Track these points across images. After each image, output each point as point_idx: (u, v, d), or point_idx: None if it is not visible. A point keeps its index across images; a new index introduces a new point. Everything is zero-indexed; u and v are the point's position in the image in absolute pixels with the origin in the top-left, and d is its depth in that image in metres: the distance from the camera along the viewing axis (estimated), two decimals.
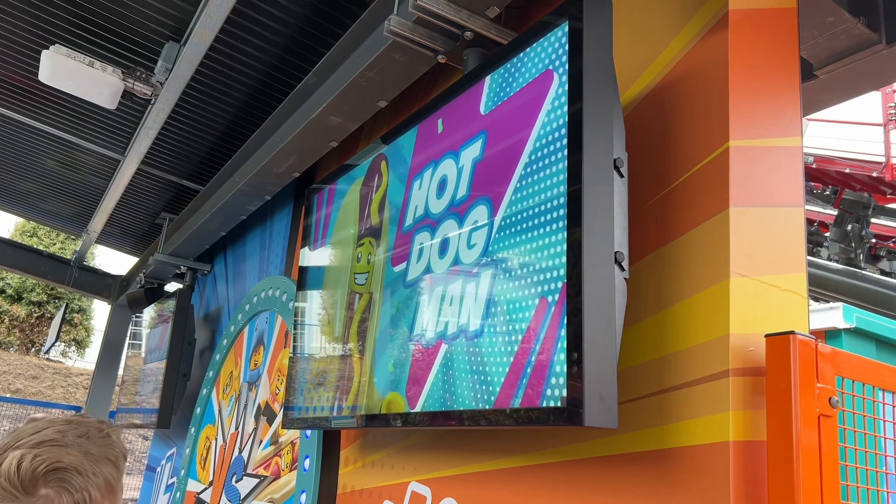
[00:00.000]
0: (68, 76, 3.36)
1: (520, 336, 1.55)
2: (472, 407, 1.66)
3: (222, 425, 4.06)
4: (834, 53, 1.92)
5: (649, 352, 1.51)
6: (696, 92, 1.56)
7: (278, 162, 3.35)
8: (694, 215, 1.48)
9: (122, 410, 5.77)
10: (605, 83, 1.51)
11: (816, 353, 1.32)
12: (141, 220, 6.16)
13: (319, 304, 2.68)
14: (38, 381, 16.63)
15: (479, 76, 1.94)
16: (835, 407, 1.31)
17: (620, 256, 1.43)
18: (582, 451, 1.61)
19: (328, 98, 2.73)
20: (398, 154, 2.30)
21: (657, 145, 1.62)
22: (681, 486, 1.37)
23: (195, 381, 4.67)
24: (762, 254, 1.44)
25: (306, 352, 2.70)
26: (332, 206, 2.72)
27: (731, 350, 1.35)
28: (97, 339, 16.66)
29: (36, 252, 7.31)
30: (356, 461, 2.65)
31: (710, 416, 1.35)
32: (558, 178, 1.51)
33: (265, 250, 4.24)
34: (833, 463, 1.28)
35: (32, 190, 5.93)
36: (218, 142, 4.37)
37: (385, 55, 2.35)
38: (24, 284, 17.64)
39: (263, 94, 3.71)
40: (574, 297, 1.39)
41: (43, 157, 5.17)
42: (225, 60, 3.43)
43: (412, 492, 2.22)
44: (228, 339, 4.28)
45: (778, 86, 1.59)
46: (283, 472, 3.13)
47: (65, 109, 4.32)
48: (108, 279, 7.44)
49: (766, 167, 1.50)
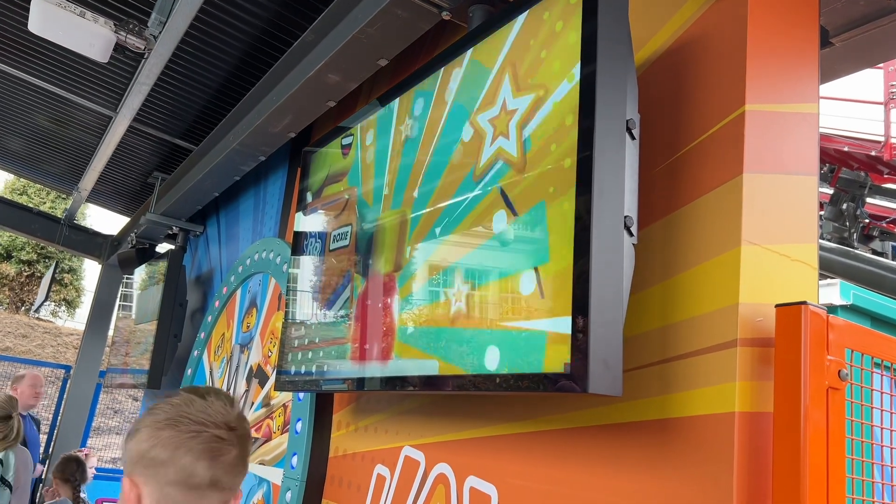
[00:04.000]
0: (58, 26, 3.26)
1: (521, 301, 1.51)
2: (472, 371, 1.63)
3: None
4: (852, 20, 1.86)
5: (655, 320, 1.47)
6: (712, 53, 1.50)
7: (273, 121, 3.27)
8: (706, 180, 1.44)
9: (112, 371, 5.75)
10: (619, 41, 1.45)
11: (827, 324, 1.28)
12: (133, 180, 6.06)
13: (314, 267, 2.64)
14: (27, 340, 16.59)
15: (484, 34, 1.88)
16: (844, 380, 1.28)
17: (629, 221, 1.39)
18: (583, 418, 1.59)
19: (327, 55, 2.65)
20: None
21: (670, 108, 1.56)
22: (684, 455, 1.35)
23: (186, 342, 4.64)
24: (774, 222, 1.40)
25: (300, 316, 2.66)
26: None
27: (739, 319, 1.32)
28: (87, 299, 16.60)
29: (26, 209, 7.20)
30: (349, 425, 2.63)
31: (717, 385, 1.32)
32: (569, 139, 1.46)
33: (259, 212, 4.18)
34: (840, 436, 1.26)
35: (22, 146, 5.82)
36: (212, 100, 4.28)
37: (387, 10, 2.27)
38: (13, 243, 17.49)
39: (260, 50, 3.62)
40: (581, 261, 1.35)
41: (33, 112, 5.06)
42: (221, 15, 3.33)
43: (405, 456, 2.20)
44: (221, 300, 4.23)
45: (796, 50, 1.54)
46: (274, 435, 3.11)
47: (56, 63, 4.21)
48: (99, 238, 7.35)
49: (782, 133, 1.45)
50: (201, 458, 1.10)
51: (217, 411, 1.14)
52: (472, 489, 1.87)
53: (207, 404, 1.15)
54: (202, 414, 1.13)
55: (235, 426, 1.15)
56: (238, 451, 1.15)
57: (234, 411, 1.17)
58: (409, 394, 2.23)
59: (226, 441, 1.13)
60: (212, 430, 1.12)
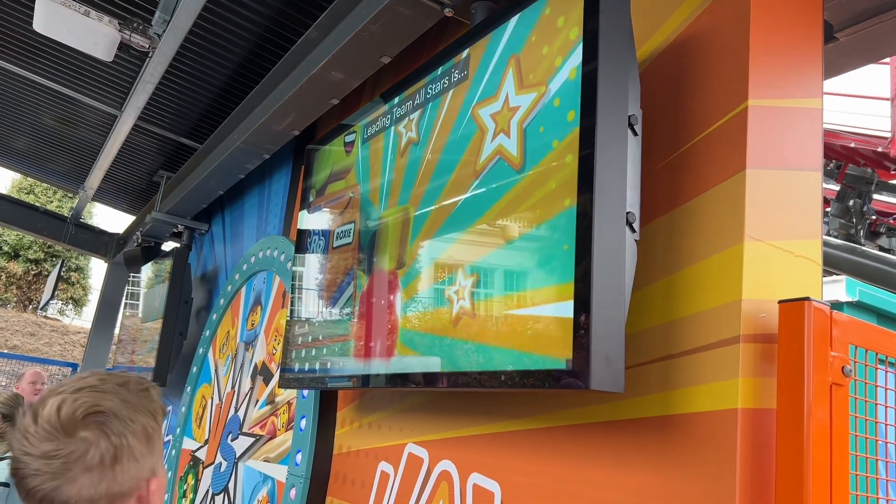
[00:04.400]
0: (63, 25, 3.27)
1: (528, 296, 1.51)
2: (476, 368, 1.63)
3: (218, 384, 4.05)
4: (856, 15, 1.85)
5: (658, 316, 1.47)
6: (714, 49, 1.49)
7: (277, 119, 3.27)
8: (709, 176, 1.43)
9: (118, 368, 5.77)
10: (621, 36, 1.44)
11: (831, 320, 1.28)
12: (138, 178, 6.08)
13: (318, 265, 2.64)
14: (35, 338, 16.67)
15: (487, 31, 1.87)
16: (847, 376, 1.27)
17: (632, 217, 1.39)
18: (585, 415, 1.59)
19: (330, 53, 2.65)
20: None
21: (673, 104, 1.56)
22: (686, 451, 1.34)
23: (191, 340, 4.65)
24: (777, 218, 1.40)
25: (304, 313, 2.67)
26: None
27: (742, 316, 1.31)
28: (94, 297, 16.65)
29: (32, 208, 7.24)
30: (353, 422, 2.64)
31: (720, 382, 1.31)
32: (570, 135, 1.46)
33: (263, 210, 4.19)
34: (843, 432, 1.25)
35: (28, 145, 5.84)
36: (216, 98, 4.29)
37: (389, 8, 2.27)
38: (21, 242, 17.57)
39: (263, 48, 3.62)
40: (583, 258, 1.35)
41: (39, 112, 5.07)
42: (224, 13, 3.33)
43: (409, 453, 2.20)
44: (225, 298, 4.24)
45: (799, 45, 1.53)
46: (278, 432, 3.12)
47: (61, 62, 4.22)
48: (105, 237, 7.38)
49: (785, 128, 1.44)
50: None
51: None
52: (476, 486, 1.87)
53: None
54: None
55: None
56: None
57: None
58: (413, 391, 2.23)
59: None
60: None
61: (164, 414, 1.23)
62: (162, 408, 1.22)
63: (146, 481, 1.13)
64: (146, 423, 1.14)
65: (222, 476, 3.56)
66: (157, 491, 1.16)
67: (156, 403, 1.19)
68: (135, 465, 1.11)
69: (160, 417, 1.20)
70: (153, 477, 1.15)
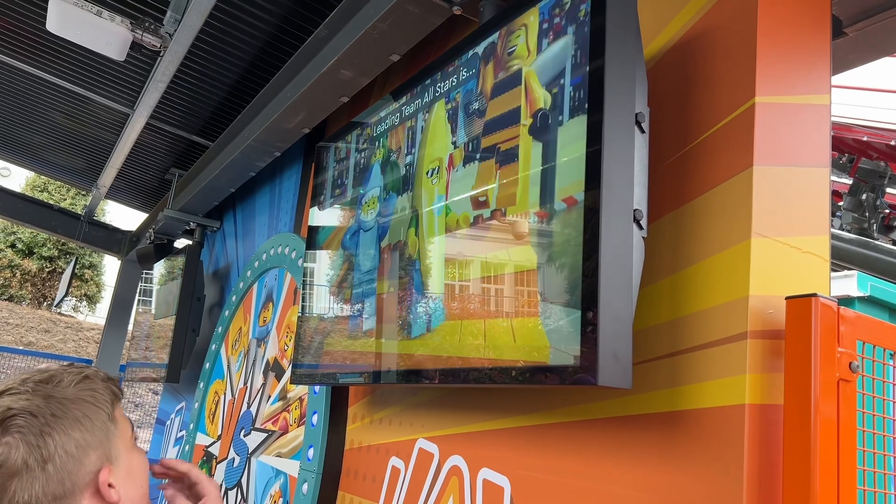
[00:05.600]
0: (76, 25, 3.30)
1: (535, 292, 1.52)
2: (487, 365, 1.64)
3: (231, 380, 4.08)
4: (866, 9, 1.84)
5: (665, 313, 1.48)
6: (722, 45, 1.50)
7: (288, 117, 3.29)
8: (716, 173, 1.44)
9: (132, 365, 5.83)
10: (628, 34, 1.45)
11: (838, 316, 1.28)
12: (150, 176, 6.13)
13: (329, 261, 2.66)
14: (50, 335, 16.83)
15: (495, 28, 1.88)
16: (855, 372, 1.28)
17: (639, 214, 1.40)
18: (593, 411, 1.60)
19: (339, 51, 2.66)
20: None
21: (680, 101, 1.56)
22: (694, 447, 1.35)
23: (204, 336, 4.69)
24: (785, 214, 1.40)
25: (315, 310, 2.69)
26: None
27: (749, 312, 1.32)
28: (108, 294, 16.80)
29: (46, 206, 7.30)
30: (364, 418, 2.66)
31: (727, 378, 1.32)
32: (577, 132, 1.47)
33: (274, 207, 4.22)
34: (851, 428, 1.26)
35: (42, 143, 5.89)
36: (227, 96, 4.32)
37: (398, 6, 2.28)
38: (35, 239, 17.73)
39: (274, 47, 3.65)
40: (591, 255, 1.36)
41: (52, 110, 5.12)
42: (235, 12, 3.35)
43: (420, 449, 2.22)
44: (237, 295, 4.28)
45: (807, 40, 1.53)
46: (290, 428, 3.15)
47: (74, 61, 4.26)
48: (118, 234, 7.44)
49: (793, 125, 1.45)
50: None
51: None
52: (486, 481, 1.89)
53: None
54: None
55: None
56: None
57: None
58: (423, 386, 2.25)
59: None
60: None
61: (115, 395, 1.17)
62: (111, 390, 1.17)
63: (96, 473, 1.08)
64: (82, 414, 1.09)
65: (235, 471, 3.60)
66: (126, 476, 1.11)
67: (98, 388, 1.14)
68: (72, 461, 1.06)
69: (107, 401, 1.14)
70: (108, 465, 1.10)
